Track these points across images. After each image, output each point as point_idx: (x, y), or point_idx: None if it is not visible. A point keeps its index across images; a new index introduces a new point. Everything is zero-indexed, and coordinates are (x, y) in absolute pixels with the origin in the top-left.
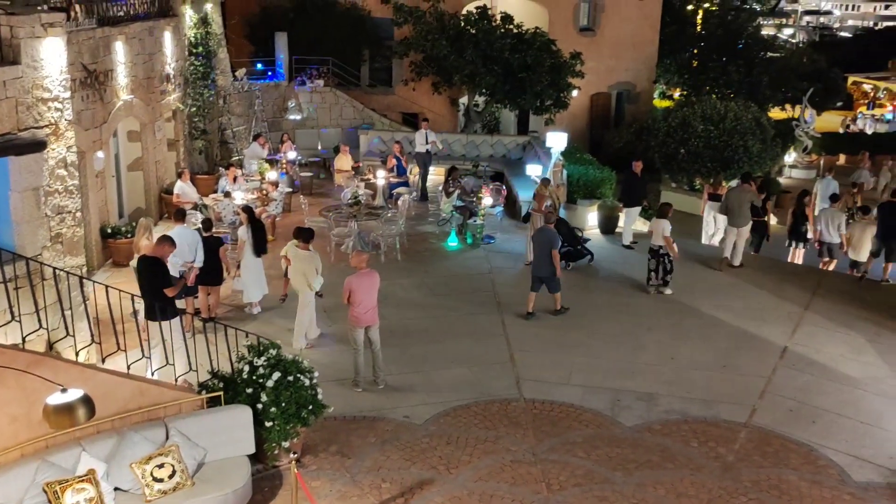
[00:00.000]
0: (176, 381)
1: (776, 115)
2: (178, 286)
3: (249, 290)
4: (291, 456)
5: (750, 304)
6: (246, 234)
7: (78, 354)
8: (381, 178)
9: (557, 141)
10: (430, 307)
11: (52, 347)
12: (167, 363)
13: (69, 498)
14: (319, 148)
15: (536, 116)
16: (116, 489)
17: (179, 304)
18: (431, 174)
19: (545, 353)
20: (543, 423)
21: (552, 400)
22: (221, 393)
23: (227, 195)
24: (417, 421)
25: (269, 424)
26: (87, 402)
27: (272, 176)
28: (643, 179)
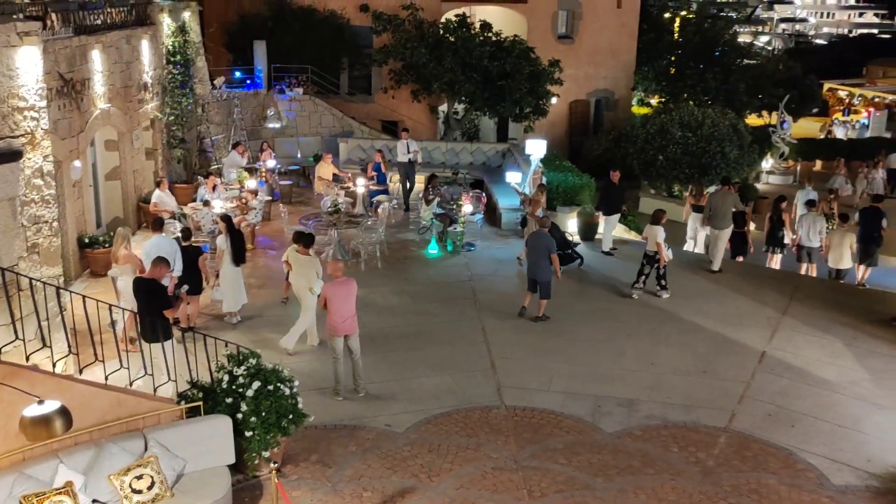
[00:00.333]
0: (155, 391)
1: (753, 121)
2: (176, 307)
3: (229, 299)
4: (272, 466)
5: (729, 309)
6: (225, 243)
7: (55, 365)
8: (361, 185)
9: (537, 148)
10: (410, 315)
11: (28, 359)
12: (146, 373)
13: None
14: (298, 156)
15: (516, 124)
16: (95, 501)
17: None
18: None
19: (526, 359)
20: (524, 429)
21: (533, 407)
22: (201, 403)
23: (205, 204)
24: (398, 429)
25: (249, 434)
26: (64, 413)
27: (251, 184)
28: (621, 187)
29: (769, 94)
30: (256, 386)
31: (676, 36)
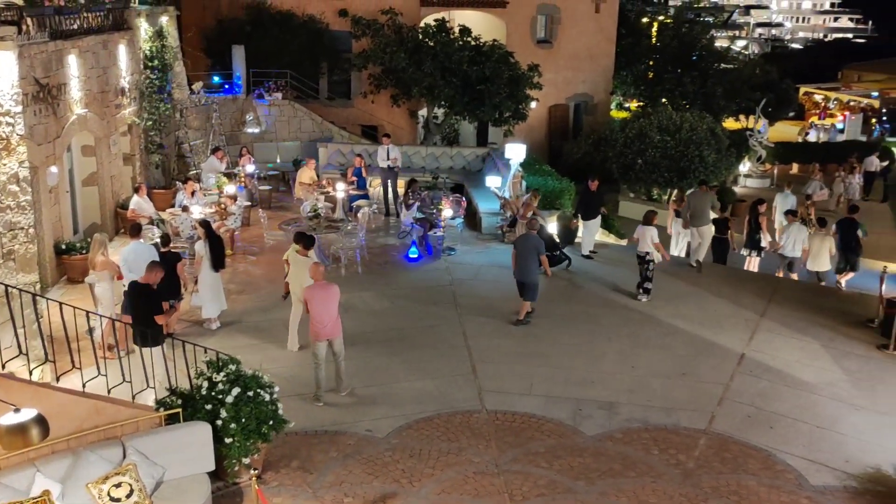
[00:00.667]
0: (133, 398)
1: (730, 125)
2: (169, 315)
3: (208, 305)
4: (252, 472)
5: (708, 311)
6: (204, 248)
7: (31, 373)
8: (340, 190)
9: (516, 152)
10: (391, 319)
11: (4, 367)
12: (124, 380)
13: None
14: (278, 160)
15: (495, 128)
16: None
17: None
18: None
19: (506, 364)
20: (506, 433)
21: (514, 411)
22: (180, 410)
23: (184, 209)
24: (380, 434)
25: (228, 441)
26: (40, 421)
27: (230, 190)
28: (600, 193)
29: (746, 98)
30: (236, 392)
31: (654, 40)
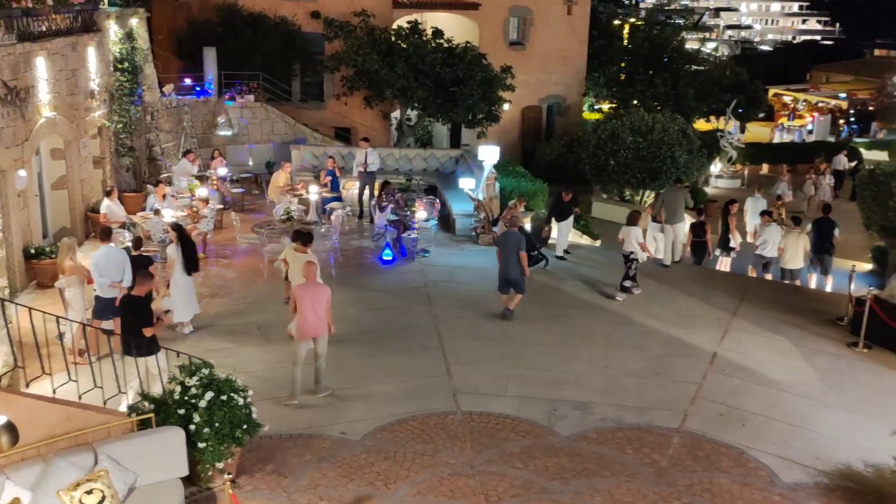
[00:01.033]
0: (105, 403)
1: (701, 126)
2: (157, 327)
3: (180, 309)
4: (226, 477)
5: (680, 311)
6: (176, 252)
7: (0, 379)
8: (314, 193)
9: (490, 154)
10: (365, 322)
11: None
12: (95, 386)
13: None
14: (250, 163)
15: (469, 130)
16: None
17: (108, 324)
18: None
19: (481, 365)
20: (481, 435)
21: (489, 412)
22: (152, 415)
23: (156, 213)
24: (354, 437)
25: (202, 445)
26: (10, 428)
27: (202, 192)
28: (572, 202)
29: (717, 99)
30: (209, 396)
31: (626, 42)
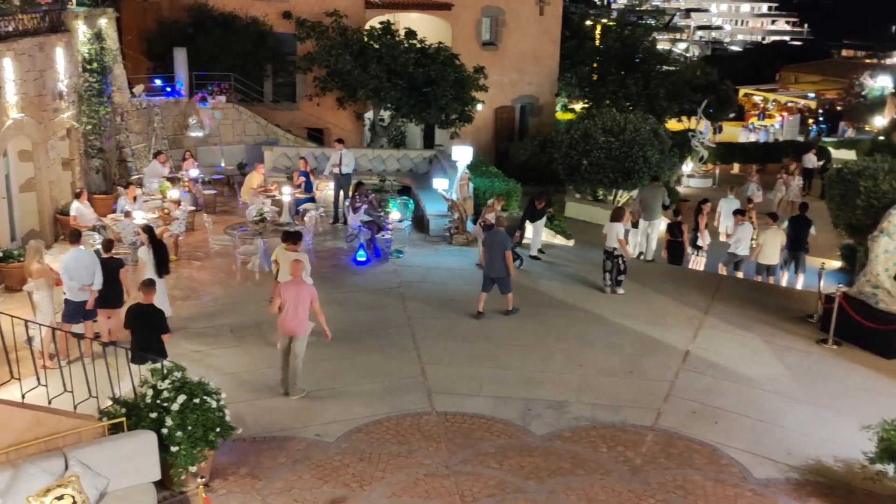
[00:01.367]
0: (75, 408)
1: (673, 126)
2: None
3: None
4: (199, 481)
5: (653, 309)
6: (147, 254)
7: None
8: (286, 194)
9: (463, 154)
10: (339, 323)
11: None
12: (65, 390)
13: None
14: (222, 164)
15: (442, 130)
16: None
17: (78, 328)
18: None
19: (456, 365)
20: (456, 435)
21: (464, 412)
22: (124, 419)
23: (126, 215)
24: (329, 439)
25: (174, 449)
26: None
27: (174, 194)
28: (544, 209)
29: (688, 99)
30: (182, 400)
31: (598, 43)
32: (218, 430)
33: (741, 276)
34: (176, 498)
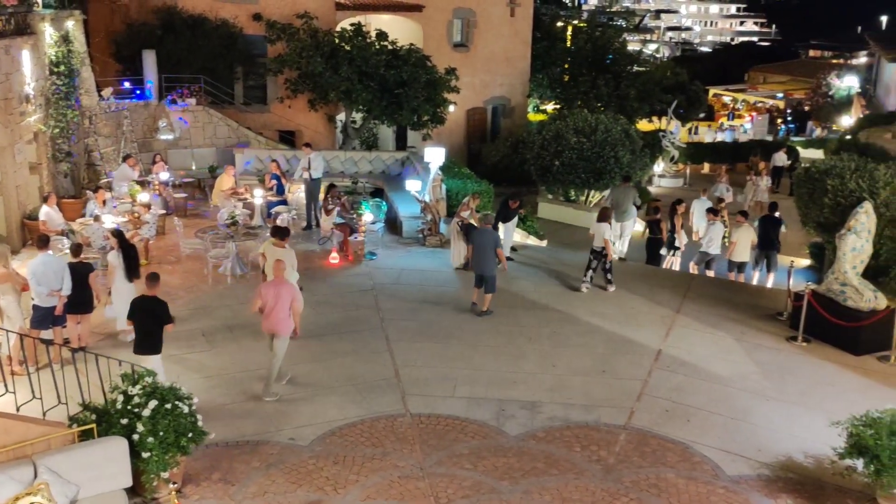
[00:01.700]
0: (44, 415)
1: (644, 126)
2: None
3: (122, 316)
4: (171, 486)
5: (625, 309)
6: (117, 259)
7: None
8: (258, 197)
9: (435, 156)
10: (312, 326)
11: None
12: (34, 397)
13: None
14: (193, 167)
15: (414, 132)
16: None
17: (46, 334)
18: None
19: (430, 367)
20: (430, 436)
21: (438, 413)
22: (94, 426)
23: (96, 219)
24: (303, 442)
25: (146, 455)
26: None
27: (144, 198)
28: (517, 209)
29: (658, 99)
30: (153, 405)
31: (569, 44)
32: (190, 435)
33: (712, 274)
34: None
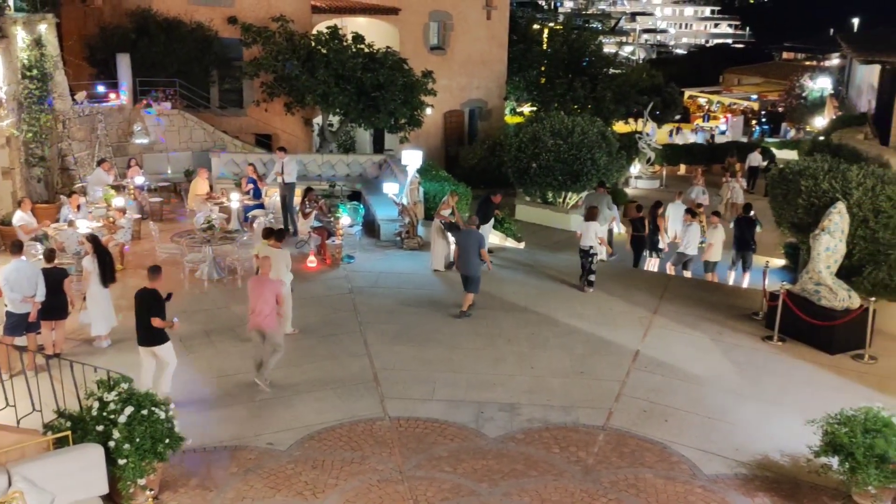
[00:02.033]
0: (18, 423)
1: (620, 128)
2: (167, 324)
3: (97, 322)
4: (148, 493)
5: (603, 310)
6: (91, 264)
7: None
8: (235, 200)
9: (413, 159)
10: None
11: None
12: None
13: None
14: (168, 172)
15: (391, 135)
16: None
17: (20, 341)
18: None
19: (408, 370)
20: (409, 440)
21: (417, 416)
22: (69, 433)
23: (70, 224)
24: (281, 447)
25: (122, 462)
26: None
27: (119, 202)
28: (498, 205)
29: (634, 101)
30: (129, 411)
31: (545, 47)
32: (167, 441)
33: (689, 275)
34: None
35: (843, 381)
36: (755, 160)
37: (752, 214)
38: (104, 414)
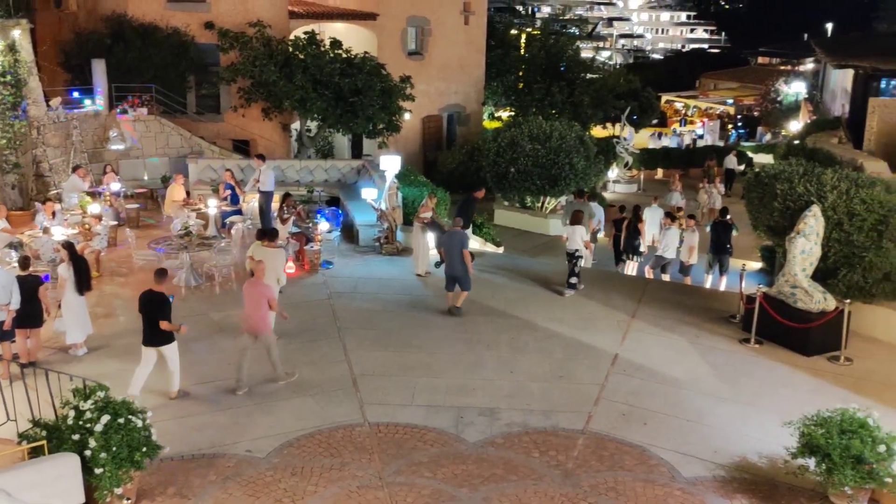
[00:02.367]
0: None
1: (598, 133)
2: (175, 327)
3: (73, 330)
4: (125, 502)
5: (582, 314)
6: (67, 271)
7: None
8: (212, 206)
9: (391, 164)
10: None
11: None
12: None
13: None
14: (145, 178)
15: (370, 140)
16: None
17: None
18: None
19: (387, 376)
20: (389, 445)
21: (396, 422)
22: (44, 442)
23: (45, 231)
24: (260, 454)
25: (99, 471)
26: None
27: (94, 209)
28: (480, 202)
29: (612, 106)
30: (106, 420)
31: (523, 52)
32: (144, 449)
33: (668, 278)
34: None
35: (819, 382)
36: (730, 163)
37: (728, 218)
38: (80, 423)
